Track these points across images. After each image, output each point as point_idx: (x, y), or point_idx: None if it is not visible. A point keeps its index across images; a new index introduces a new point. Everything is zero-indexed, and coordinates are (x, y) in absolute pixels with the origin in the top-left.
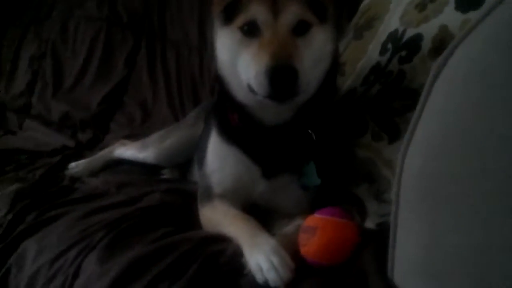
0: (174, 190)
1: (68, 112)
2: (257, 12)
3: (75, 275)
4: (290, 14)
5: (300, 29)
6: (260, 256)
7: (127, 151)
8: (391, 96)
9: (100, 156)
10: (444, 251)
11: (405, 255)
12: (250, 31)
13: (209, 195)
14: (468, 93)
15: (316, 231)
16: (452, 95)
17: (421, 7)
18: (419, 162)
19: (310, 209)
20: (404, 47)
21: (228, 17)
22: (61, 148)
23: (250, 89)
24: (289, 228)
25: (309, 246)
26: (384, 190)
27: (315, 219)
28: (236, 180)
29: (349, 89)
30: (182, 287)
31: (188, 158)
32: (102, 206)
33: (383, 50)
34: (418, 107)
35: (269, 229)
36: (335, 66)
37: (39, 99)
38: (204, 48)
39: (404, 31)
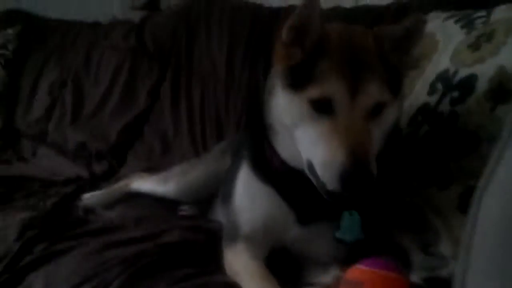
0: (196, 227)
1: (85, 142)
2: (335, 91)
3: None
4: (370, 96)
5: (375, 110)
6: None
7: (145, 184)
8: (442, 138)
9: (117, 188)
10: None
11: None
12: (322, 107)
13: (234, 234)
14: None
15: (362, 286)
16: None
17: (475, 47)
18: (501, 206)
19: (347, 258)
20: (457, 88)
21: (295, 80)
22: (75, 178)
23: (310, 168)
24: (327, 278)
25: None
26: (433, 241)
27: (360, 271)
28: (267, 221)
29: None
30: None
31: (211, 195)
32: (118, 240)
33: (431, 90)
34: (500, 145)
35: (301, 277)
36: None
37: (56, 127)
38: (231, 82)
39: (456, 71)
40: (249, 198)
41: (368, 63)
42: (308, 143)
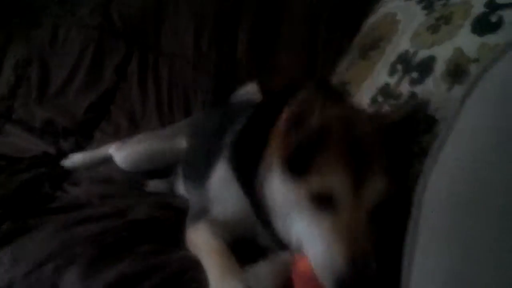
0: (163, 204)
1: (52, 119)
2: (338, 187)
3: None
4: (375, 193)
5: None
6: None
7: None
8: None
9: (99, 151)
10: None
11: None
12: (322, 200)
13: (199, 216)
14: (503, 112)
15: None
16: (485, 114)
17: (434, 28)
18: (447, 184)
19: None
20: (416, 69)
21: (294, 167)
22: (42, 155)
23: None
24: (284, 255)
25: None
26: None
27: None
28: (237, 219)
29: None
30: None
31: (155, 170)
32: (85, 217)
33: (392, 71)
34: (446, 126)
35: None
36: None
37: (22, 104)
38: (199, 61)
39: (415, 53)
40: (224, 196)
41: (371, 154)
42: (304, 232)
